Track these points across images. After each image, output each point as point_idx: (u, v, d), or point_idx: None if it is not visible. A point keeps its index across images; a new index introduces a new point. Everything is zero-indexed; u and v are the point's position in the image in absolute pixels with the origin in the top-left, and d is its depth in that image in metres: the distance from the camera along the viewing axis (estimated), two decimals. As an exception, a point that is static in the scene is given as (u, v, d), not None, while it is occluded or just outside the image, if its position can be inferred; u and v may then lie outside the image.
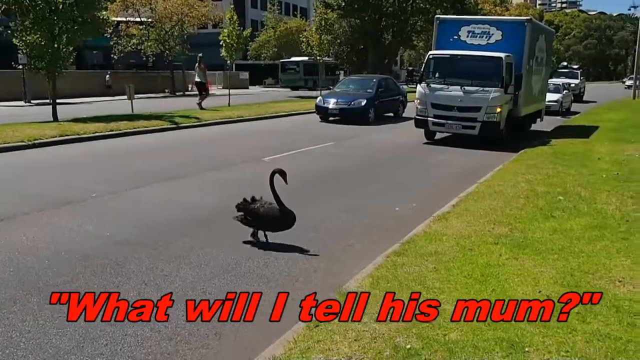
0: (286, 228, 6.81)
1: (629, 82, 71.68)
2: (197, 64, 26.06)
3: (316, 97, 24.60)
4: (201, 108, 24.28)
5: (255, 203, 6.88)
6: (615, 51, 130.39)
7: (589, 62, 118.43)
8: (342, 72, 56.33)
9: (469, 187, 9.96)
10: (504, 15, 58.06)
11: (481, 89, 15.37)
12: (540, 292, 5.12)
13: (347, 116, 21.33)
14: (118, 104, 25.34)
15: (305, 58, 47.51)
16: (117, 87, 34.19)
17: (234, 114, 22.84)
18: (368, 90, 22.56)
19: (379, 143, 16.69)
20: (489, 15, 51.01)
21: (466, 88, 15.47)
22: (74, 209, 8.37)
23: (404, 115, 24.00)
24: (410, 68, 56.31)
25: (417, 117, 16.51)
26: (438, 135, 17.15)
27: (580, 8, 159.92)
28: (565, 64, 59.20)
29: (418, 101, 16.44)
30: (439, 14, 22.94)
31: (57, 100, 19.81)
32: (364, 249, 6.84)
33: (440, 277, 5.48)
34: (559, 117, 26.41)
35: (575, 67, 51.73)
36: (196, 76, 26.20)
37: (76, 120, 18.76)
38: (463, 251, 6.24)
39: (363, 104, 21.49)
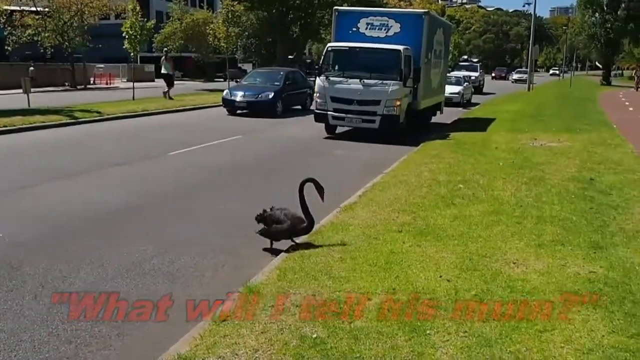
0: (302, 233, 6.43)
1: (515, 76, 70.42)
2: (163, 57, 28.48)
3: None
4: (170, 98, 26.47)
5: (271, 212, 6.43)
6: (512, 45, 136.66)
7: (488, 55, 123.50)
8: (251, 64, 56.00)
9: (375, 177, 10.18)
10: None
11: (380, 82, 15.19)
12: (441, 276, 5.31)
13: (255, 109, 21.08)
14: (12, 98, 23.94)
15: None
16: (41, 79, 33.80)
17: (139, 107, 22.13)
18: (275, 83, 22.33)
19: (286, 136, 16.66)
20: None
21: (365, 81, 15.23)
22: (-37, 210, 7.87)
23: (311, 107, 23.98)
24: (309, 60, 54.70)
25: (316, 111, 16.17)
26: (339, 130, 16.99)
27: (480, 4, 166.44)
28: (465, 57, 61.54)
29: (317, 95, 16.12)
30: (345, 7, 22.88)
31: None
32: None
33: (346, 266, 5.57)
34: (460, 109, 27.42)
35: (475, 60, 53.93)
36: (163, 68, 28.21)
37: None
38: (368, 240, 6.38)
39: (271, 96, 21.29)
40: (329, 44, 16.70)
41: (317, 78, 16.16)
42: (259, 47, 51.50)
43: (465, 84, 31.53)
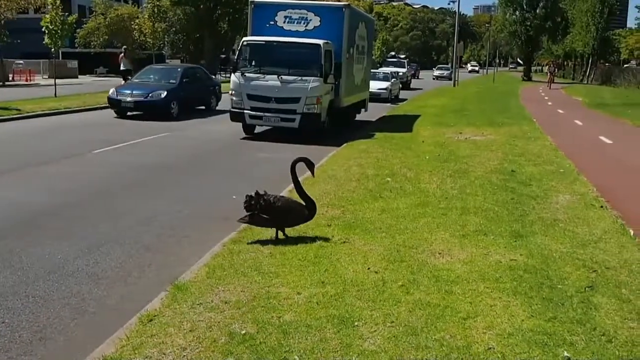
0: (307, 220, 6.27)
1: (436, 73, 68.98)
2: (122, 54, 28.01)
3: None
4: None
5: (268, 197, 6.11)
6: (438, 42, 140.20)
7: (415, 52, 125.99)
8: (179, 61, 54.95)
9: (304, 173, 10.17)
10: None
11: (299, 78, 14.35)
12: (369, 268, 5.40)
13: (145, 110, 18.76)
14: None
15: None
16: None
17: (61, 105, 21.35)
18: (171, 81, 20.01)
19: (199, 137, 15.62)
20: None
21: (283, 77, 14.36)
22: None
23: (217, 108, 21.87)
24: (223, 55, 50.86)
25: (232, 109, 15.09)
26: (258, 129, 16.00)
27: (406, 1, 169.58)
28: (393, 53, 62.54)
29: (233, 92, 15.06)
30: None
31: None
32: (201, 239, 6.76)
33: (276, 261, 5.58)
34: (388, 104, 27.86)
35: (403, 56, 54.88)
36: (121, 65, 27.90)
37: None
38: (298, 235, 6.39)
39: (163, 95, 18.82)
40: (244, 38, 15.73)
41: (232, 74, 15.23)
42: (186, 43, 50.63)
43: (393, 79, 32.09)
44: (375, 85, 27.38)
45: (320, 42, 14.52)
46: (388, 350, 3.93)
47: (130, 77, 27.86)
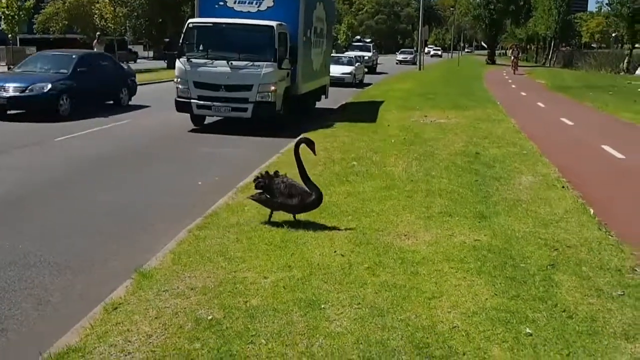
0: (310, 208, 6.17)
1: (400, 57, 66.91)
2: (95, 41, 28.58)
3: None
4: None
5: (276, 179, 6.15)
6: (403, 26, 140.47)
7: (381, 36, 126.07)
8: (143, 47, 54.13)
9: (270, 158, 10.16)
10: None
11: (251, 64, 13.12)
12: (335, 252, 5.42)
13: (24, 107, 15.28)
14: None
15: None
16: None
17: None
18: (61, 71, 16.12)
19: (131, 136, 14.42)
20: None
21: (234, 63, 13.10)
22: None
23: (131, 103, 18.31)
24: (167, 39, 45.77)
25: (178, 99, 13.73)
26: (208, 120, 14.63)
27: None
28: (359, 37, 62.46)
29: (178, 80, 13.72)
30: None
31: None
32: (166, 227, 6.67)
33: (242, 246, 5.57)
34: (353, 89, 27.80)
35: (368, 40, 54.78)
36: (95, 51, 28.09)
37: None
38: (264, 220, 6.38)
39: (47, 89, 14.99)
40: (189, 20, 14.34)
41: (177, 60, 13.77)
42: (149, 28, 49.84)
43: (357, 64, 31.92)
44: (339, 70, 27.34)
45: (273, 23, 13.35)
46: (354, 331, 3.96)
47: None
